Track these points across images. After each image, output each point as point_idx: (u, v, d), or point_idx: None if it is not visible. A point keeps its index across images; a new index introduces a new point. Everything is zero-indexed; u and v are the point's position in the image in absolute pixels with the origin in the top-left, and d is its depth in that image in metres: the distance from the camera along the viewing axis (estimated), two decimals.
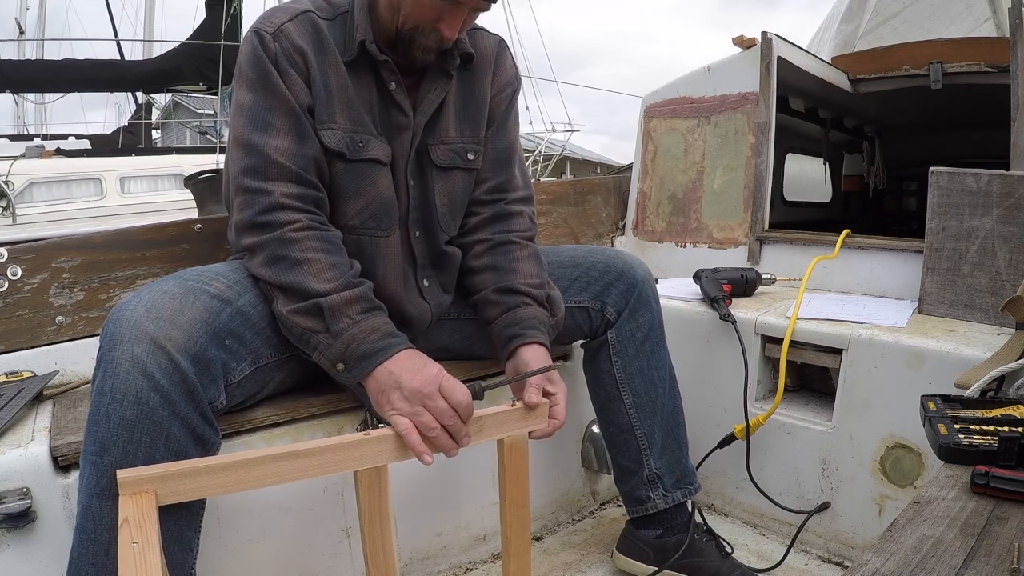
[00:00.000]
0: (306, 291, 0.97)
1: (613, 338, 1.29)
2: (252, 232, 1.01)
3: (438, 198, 1.19)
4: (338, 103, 1.07)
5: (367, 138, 1.09)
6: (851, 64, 2.54)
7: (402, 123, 1.13)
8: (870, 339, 1.35)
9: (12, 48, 10.41)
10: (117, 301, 0.91)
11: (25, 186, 6.22)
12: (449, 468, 1.36)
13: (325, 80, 1.06)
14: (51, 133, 9.47)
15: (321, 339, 0.97)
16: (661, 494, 1.30)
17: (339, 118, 1.07)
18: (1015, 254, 1.38)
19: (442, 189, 1.19)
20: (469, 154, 1.20)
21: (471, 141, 1.21)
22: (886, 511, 1.33)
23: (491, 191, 1.24)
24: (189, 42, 7.21)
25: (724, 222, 2.00)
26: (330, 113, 1.07)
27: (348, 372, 0.98)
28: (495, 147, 1.24)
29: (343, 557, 1.24)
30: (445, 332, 1.31)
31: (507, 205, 1.25)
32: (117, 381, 0.83)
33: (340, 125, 1.07)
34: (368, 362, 0.97)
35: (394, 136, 1.13)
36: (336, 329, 0.97)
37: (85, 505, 0.83)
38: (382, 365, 0.97)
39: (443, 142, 1.17)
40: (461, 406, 0.94)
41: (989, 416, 0.79)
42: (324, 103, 1.06)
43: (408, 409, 0.93)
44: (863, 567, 0.56)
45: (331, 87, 1.07)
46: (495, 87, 1.23)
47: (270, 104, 1.03)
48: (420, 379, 0.94)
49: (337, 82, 1.07)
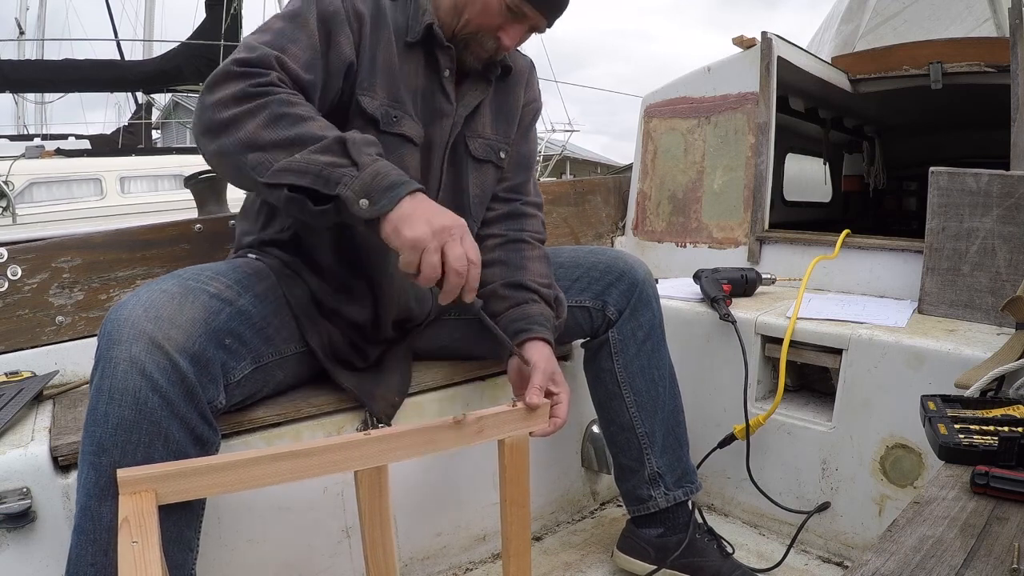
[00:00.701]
0: (322, 135, 0.92)
1: (614, 337, 1.29)
2: (245, 100, 0.92)
3: (472, 188, 1.22)
4: (380, 76, 1.09)
5: (401, 115, 1.11)
6: (851, 64, 2.54)
7: (445, 110, 1.16)
8: (870, 339, 1.35)
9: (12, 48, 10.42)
10: (117, 301, 0.91)
11: (25, 186, 6.22)
12: (449, 468, 1.36)
13: (373, 52, 1.08)
14: (51, 133, 9.47)
15: (346, 171, 0.89)
16: (662, 493, 1.30)
17: (379, 89, 1.09)
18: (1015, 254, 1.38)
19: (476, 180, 1.22)
20: (501, 152, 1.26)
21: (503, 141, 1.26)
22: (886, 511, 1.33)
23: (508, 190, 1.30)
24: (189, 42, 7.21)
25: (724, 222, 2.00)
26: (371, 82, 1.08)
27: (373, 206, 0.89)
28: (518, 151, 1.31)
29: (343, 557, 1.24)
30: (446, 331, 1.31)
31: (522, 206, 1.30)
32: (115, 381, 0.83)
33: (378, 96, 1.09)
34: (396, 192, 0.90)
35: (434, 121, 1.15)
36: (362, 161, 0.91)
37: (83, 505, 0.83)
38: (409, 197, 0.91)
39: (481, 136, 1.22)
40: (474, 263, 0.93)
41: (989, 416, 0.79)
42: (367, 71, 1.08)
43: (429, 239, 0.89)
44: (863, 567, 0.56)
45: (377, 60, 1.09)
46: (525, 99, 1.31)
47: (294, 36, 1.01)
48: (449, 218, 0.93)
49: (384, 58, 1.09)
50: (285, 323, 1.08)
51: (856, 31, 2.80)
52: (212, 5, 7.20)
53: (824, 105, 2.88)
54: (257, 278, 1.06)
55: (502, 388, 1.37)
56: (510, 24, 1.11)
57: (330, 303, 1.14)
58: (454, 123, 1.18)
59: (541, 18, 1.12)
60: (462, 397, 1.34)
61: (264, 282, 1.07)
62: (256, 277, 1.06)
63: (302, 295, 1.11)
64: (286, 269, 1.12)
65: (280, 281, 1.09)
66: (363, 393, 1.16)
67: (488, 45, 1.13)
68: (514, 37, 1.12)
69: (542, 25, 1.14)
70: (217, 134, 0.93)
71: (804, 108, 2.76)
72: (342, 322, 1.16)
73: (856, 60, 2.56)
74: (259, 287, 1.05)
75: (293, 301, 1.09)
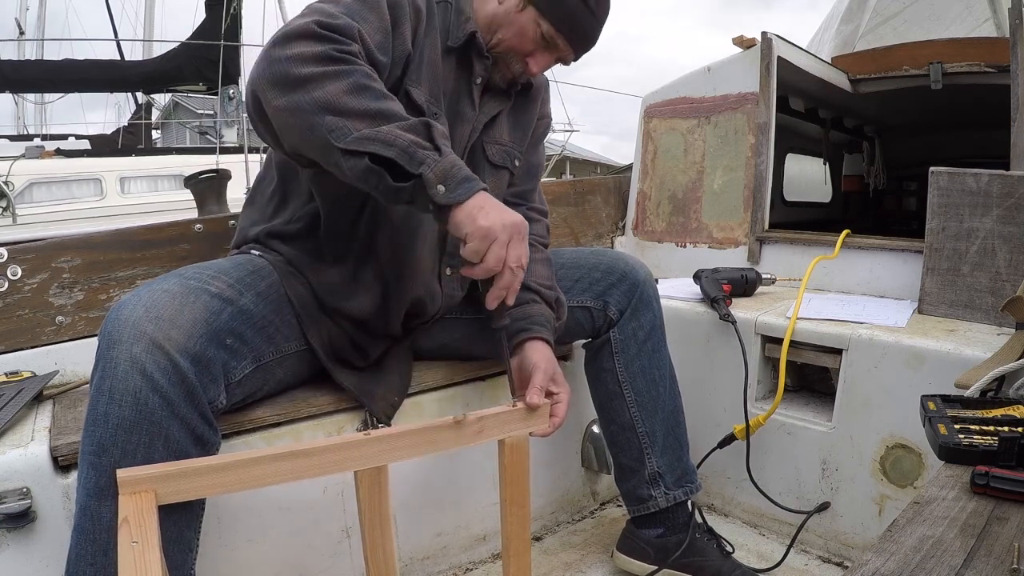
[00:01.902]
0: (405, 115, 0.92)
1: (616, 337, 1.30)
2: (329, 62, 0.91)
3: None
4: (426, 72, 1.10)
5: (438, 112, 1.12)
6: (851, 64, 2.54)
7: (468, 115, 1.17)
8: (870, 339, 1.35)
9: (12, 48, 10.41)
10: (117, 301, 0.91)
11: (25, 186, 6.21)
12: (449, 468, 1.36)
13: (421, 48, 1.10)
14: (51, 133, 9.45)
15: (430, 154, 0.90)
16: (663, 492, 1.30)
17: (423, 84, 1.10)
18: (1015, 254, 1.38)
19: (492, 184, 1.23)
20: (516, 160, 1.28)
21: (518, 150, 1.28)
22: (886, 511, 1.33)
23: (516, 195, 1.33)
24: (189, 42, 7.20)
25: (724, 222, 2.00)
26: (418, 76, 1.10)
27: (449, 192, 0.90)
28: (528, 160, 1.34)
29: (343, 557, 1.24)
30: (447, 329, 1.32)
31: (528, 211, 1.31)
32: (116, 381, 0.83)
33: (423, 91, 1.10)
34: (472, 184, 0.92)
35: (456, 126, 1.16)
36: (444, 149, 0.91)
37: (83, 505, 0.83)
38: (482, 192, 0.93)
39: (498, 143, 1.24)
40: (524, 268, 0.97)
41: (989, 416, 0.79)
42: (416, 65, 1.09)
43: (500, 231, 0.92)
44: (863, 567, 0.56)
45: (424, 56, 1.10)
46: (539, 113, 1.35)
47: (366, 16, 1.01)
48: (518, 218, 0.95)
49: (430, 56, 1.11)
50: (286, 321, 1.08)
51: (856, 31, 2.80)
52: (212, 5, 7.18)
53: (824, 105, 2.88)
54: (259, 276, 1.06)
55: (502, 388, 1.37)
56: (540, 52, 1.15)
57: (333, 301, 1.14)
58: (473, 128, 1.19)
59: (571, 52, 1.16)
60: (462, 397, 1.34)
61: (266, 280, 1.07)
62: (258, 275, 1.06)
63: (304, 293, 1.11)
64: (289, 266, 1.12)
65: (282, 279, 1.09)
66: (363, 393, 1.16)
67: (515, 67, 1.17)
68: (541, 65, 1.16)
69: (569, 58, 1.17)
70: (291, 88, 0.90)
71: (804, 108, 2.76)
72: (345, 319, 1.16)
73: (856, 60, 2.56)
74: (261, 285, 1.05)
75: (295, 299, 1.09)
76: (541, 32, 1.12)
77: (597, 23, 1.16)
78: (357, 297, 1.15)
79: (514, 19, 1.12)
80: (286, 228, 1.15)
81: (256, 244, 1.17)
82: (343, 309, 1.15)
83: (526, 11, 1.11)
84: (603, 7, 1.15)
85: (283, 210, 1.17)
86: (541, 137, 1.39)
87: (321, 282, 1.13)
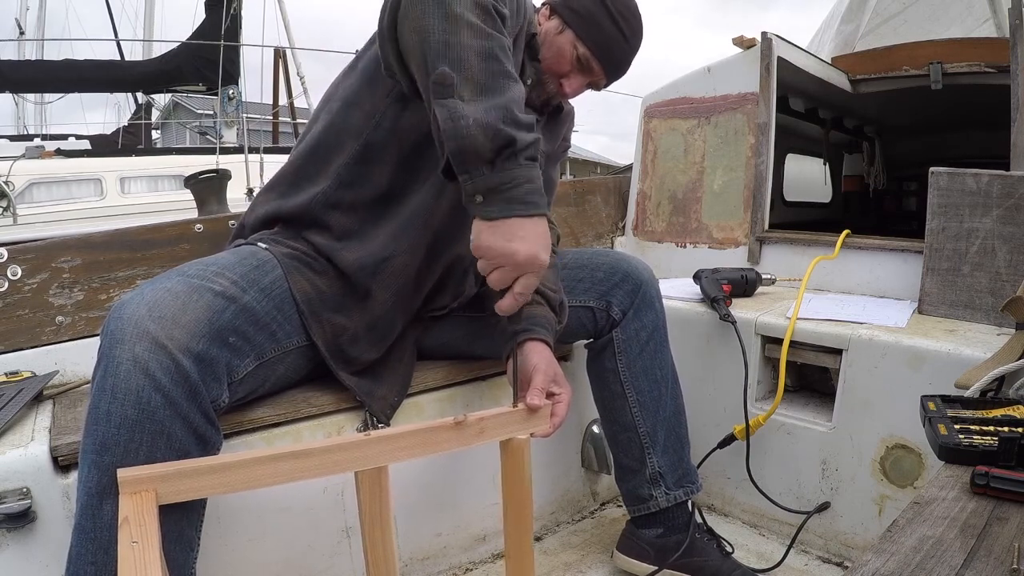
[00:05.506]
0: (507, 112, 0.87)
1: (618, 337, 1.30)
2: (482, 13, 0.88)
3: None
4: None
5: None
6: (851, 64, 2.54)
7: None
8: (870, 339, 1.35)
9: (12, 48, 10.40)
10: (119, 299, 0.91)
11: (25, 186, 6.21)
12: (449, 468, 1.36)
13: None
14: (51, 133, 9.44)
15: (481, 169, 0.87)
16: (663, 492, 1.30)
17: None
18: (1015, 254, 1.38)
19: None
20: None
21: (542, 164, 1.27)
22: (886, 511, 1.33)
23: None
24: (189, 42, 7.20)
25: (724, 222, 2.00)
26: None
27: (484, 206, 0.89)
28: (547, 174, 1.34)
29: (343, 557, 1.24)
30: (447, 328, 1.32)
31: None
32: (118, 380, 0.83)
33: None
34: (510, 208, 0.88)
35: None
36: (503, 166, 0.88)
37: (84, 504, 0.83)
38: (523, 218, 0.89)
39: None
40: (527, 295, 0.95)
41: (989, 416, 0.80)
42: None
43: (504, 262, 0.89)
44: (863, 567, 0.56)
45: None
46: (562, 136, 1.40)
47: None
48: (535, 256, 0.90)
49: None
50: (289, 317, 1.08)
51: (856, 31, 2.80)
52: (212, 5, 7.18)
53: (824, 105, 2.88)
54: (263, 271, 1.06)
55: (502, 388, 1.37)
56: (575, 74, 1.20)
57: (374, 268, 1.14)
58: None
59: (603, 77, 1.21)
60: (462, 397, 1.34)
61: (270, 275, 1.06)
62: (262, 269, 1.06)
63: (308, 288, 1.11)
64: (294, 261, 1.11)
65: (286, 274, 1.08)
66: (363, 392, 1.16)
67: (549, 88, 1.21)
68: (575, 87, 1.21)
69: (601, 84, 1.23)
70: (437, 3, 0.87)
71: (804, 108, 2.76)
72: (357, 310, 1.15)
73: (856, 60, 2.56)
74: (264, 280, 1.04)
75: (298, 294, 1.09)
76: (577, 55, 1.17)
77: (631, 50, 1.21)
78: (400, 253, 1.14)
79: (553, 40, 1.17)
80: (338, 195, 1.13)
81: (267, 231, 1.16)
82: (385, 270, 1.14)
83: (564, 33, 1.17)
84: (637, 36, 1.20)
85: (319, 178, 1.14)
86: (559, 158, 1.44)
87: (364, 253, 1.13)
